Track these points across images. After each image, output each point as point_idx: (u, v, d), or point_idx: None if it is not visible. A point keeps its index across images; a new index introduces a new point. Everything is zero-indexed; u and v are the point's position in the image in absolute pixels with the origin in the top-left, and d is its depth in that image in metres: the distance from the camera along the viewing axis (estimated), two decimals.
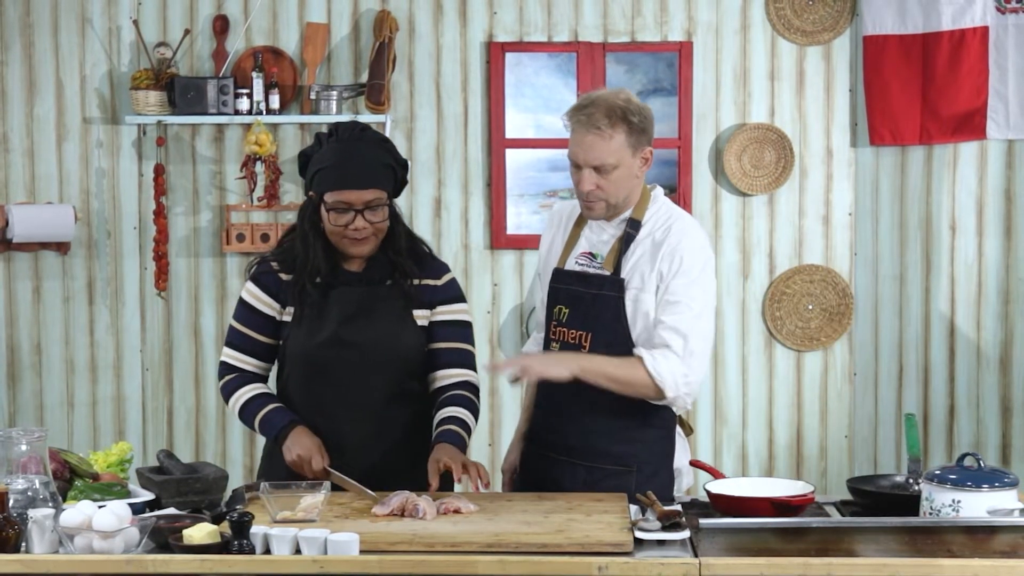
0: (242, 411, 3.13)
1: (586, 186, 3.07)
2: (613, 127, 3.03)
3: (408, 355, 3.12)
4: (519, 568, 2.54)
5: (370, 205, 3.03)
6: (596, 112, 3.04)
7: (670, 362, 2.99)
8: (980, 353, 5.21)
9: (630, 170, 3.08)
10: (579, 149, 3.07)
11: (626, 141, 3.05)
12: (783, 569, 2.52)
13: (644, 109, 3.10)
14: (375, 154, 3.07)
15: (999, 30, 5.03)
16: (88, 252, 5.26)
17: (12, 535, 2.58)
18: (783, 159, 5.18)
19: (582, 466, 3.13)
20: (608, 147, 3.04)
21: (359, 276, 3.12)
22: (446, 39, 5.22)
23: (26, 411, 5.27)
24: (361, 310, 3.09)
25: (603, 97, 3.08)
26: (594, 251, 3.16)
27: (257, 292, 3.13)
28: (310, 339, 3.07)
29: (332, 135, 3.10)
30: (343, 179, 3.02)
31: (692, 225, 3.16)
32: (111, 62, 5.23)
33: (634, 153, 3.07)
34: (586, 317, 3.12)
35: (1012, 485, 2.79)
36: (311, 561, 2.54)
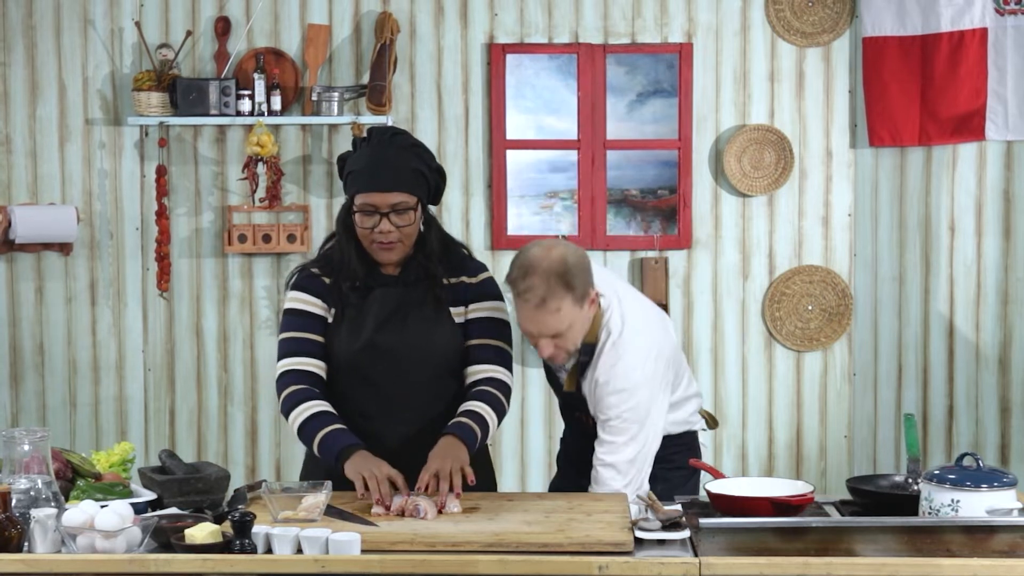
0: (301, 429, 3.04)
1: (546, 352, 3.12)
2: (560, 299, 3.03)
3: (446, 355, 3.13)
4: (520, 568, 2.55)
5: (396, 209, 3.04)
6: (538, 287, 3.01)
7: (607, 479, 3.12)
8: (979, 353, 5.22)
9: (583, 321, 3.10)
10: (530, 325, 3.08)
11: (572, 304, 3.05)
12: (783, 569, 2.53)
13: (580, 261, 3.07)
14: (403, 158, 3.07)
15: (998, 32, 5.04)
16: (90, 253, 5.27)
17: (15, 535, 2.58)
18: (783, 160, 5.19)
19: None
20: (558, 318, 3.05)
21: (395, 279, 3.13)
22: (447, 40, 5.23)
23: (29, 411, 5.28)
24: (397, 313, 3.10)
25: (538, 266, 3.03)
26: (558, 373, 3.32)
27: (304, 296, 3.13)
28: (349, 343, 3.08)
29: (368, 139, 3.11)
30: (370, 182, 3.05)
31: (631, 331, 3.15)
32: (113, 63, 5.24)
33: (581, 306, 3.08)
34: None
35: (1011, 485, 2.79)
36: (312, 561, 2.55)
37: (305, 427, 3.03)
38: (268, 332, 5.25)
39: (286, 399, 3.07)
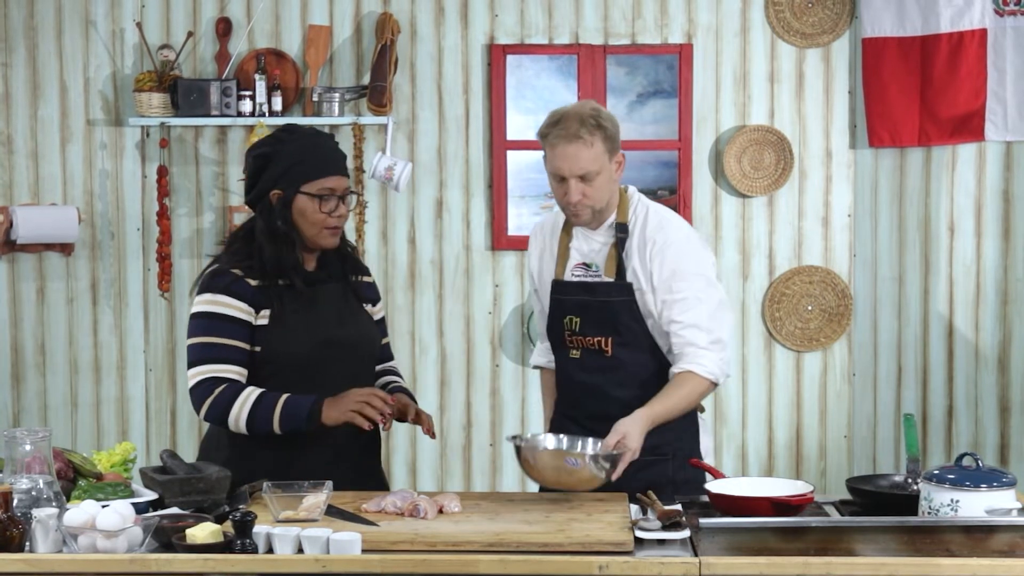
0: (251, 415, 3.01)
1: (574, 196, 3.15)
2: (592, 134, 3.13)
3: (375, 348, 3.25)
4: (520, 567, 2.55)
5: (346, 192, 3.12)
6: (572, 123, 3.13)
7: (708, 358, 3.14)
8: (978, 353, 5.23)
9: (610, 175, 3.18)
10: (563, 162, 3.14)
11: (603, 147, 3.15)
12: (783, 568, 2.53)
13: (612, 117, 3.22)
14: (338, 147, 3.18)
15: (997, 32, 5.05)
16: (92, 253, 5.28)
17: (16, 535, 2.58)
18: (782, 161, 5.19)
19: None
20: (591, 154, 3.13)
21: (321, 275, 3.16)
22: (448, 41, 5.23)
23: (30, 411, 5.29)
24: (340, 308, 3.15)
25: (574, 109, 3.17)
26: (588, 261, 3.26)
27: (225, 299, 3.05)
28: (303, 339, 3.07)
29: (291, 132, 3.13)
30: (325, 167, 3.08)
31: (668, 217, 3.27)
32: (115, 64, 5.25)
33: (611, 158, 3.18)
34: (602, 323, 3.22)
35: (1010, 485, 2.79)
36: (313, 560, 2.56)
37: (256, 411, 3.00)
38: None
39: (214, 404, 3.02)
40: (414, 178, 5.23)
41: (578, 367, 3.26)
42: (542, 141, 3.18)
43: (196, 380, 3.06)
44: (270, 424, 3.02)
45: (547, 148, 3.17)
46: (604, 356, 3.22)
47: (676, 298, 3.16)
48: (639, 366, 3.22)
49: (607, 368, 3.22)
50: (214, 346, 3.05)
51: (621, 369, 3.21)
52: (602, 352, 3.22)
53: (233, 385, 3.04)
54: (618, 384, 3.21)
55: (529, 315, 5.24)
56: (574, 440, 3.08)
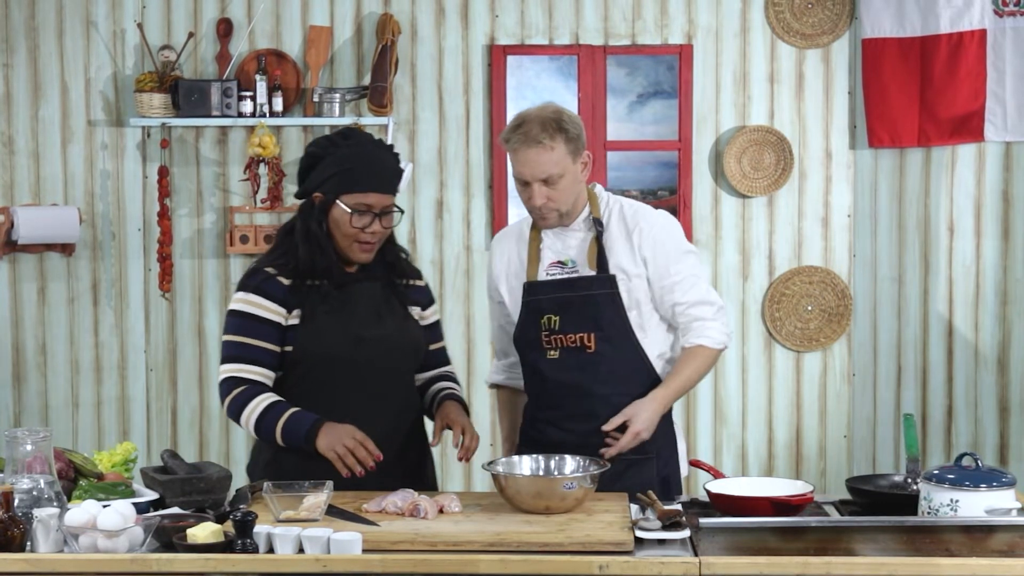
0: (259, 422, 3.03)
1: (538, 200, 3.18)
2: (552, 138, 3.14)
3: (418, 349, 3.20)
4: (520, 567, 2.55)
5: (386, 210, 3.07)
6: (533, 127, 3.14)
7: (715, 328, 3.23)
8: (978, 354, 5.23)
9: (574, 177, 3.19)
10: (525, 167, 3.16)
11: (566, 150, 3.16)
12: (782, 568, 2.53)
13: (575, 118, 3.22)
14: (391, 161, 3.13)
15: (997, 33, 5.05)
16: (93, 254, 5.28)
17: (17, 534, 2.59)
18: (782, 161, 5.20)
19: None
20: (552, 157, 3.14)
21: (359, 276, 3.14)
22: (448, 42, 5.24)
23: (31, 411, 5.29)
24: (378, 308, 3.13)
25: (534, 113, 3.18)
26: (562, 259, 3.27)
27: (258, 300, 3.08)
28: (334, 338, 3.06)
29: (348, 137, 3.10)
30: (368, 182, 3.05)
31: (642, 206, 3.32)
32: (115, 65, 5.25)
33: (574, 160, 3.18)
34: (583, 318, 3.21)
35: (1010, 485, 2.80)
36: (314, 560, 2.56)
37: (263, 420, 3.02)
38: None
39: (232, 402, 3.06)
40: (415, 178, 5.23)
41: (558, 367, 3.24)
42: (505, 146, 3.20)
43: (223, 377, 3.10)
44: (273, 435, 3.03)
45: (510, 153, 3.19)
46: (586, 353, 3.21)
47: (676, 280, 3.21)
48: (622, 361, 3.21)
49: (589, 365, 3.21)
50: (244, 346, 3.07)
51: (604, 365, 3.20)
52: (584, 349, 3.21)
53: (252, 388, 3.05)
54: (602, 381, 3.20)
55: None
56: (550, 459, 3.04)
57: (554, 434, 3.23)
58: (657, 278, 3.21)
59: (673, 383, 3.19)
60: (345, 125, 5.12)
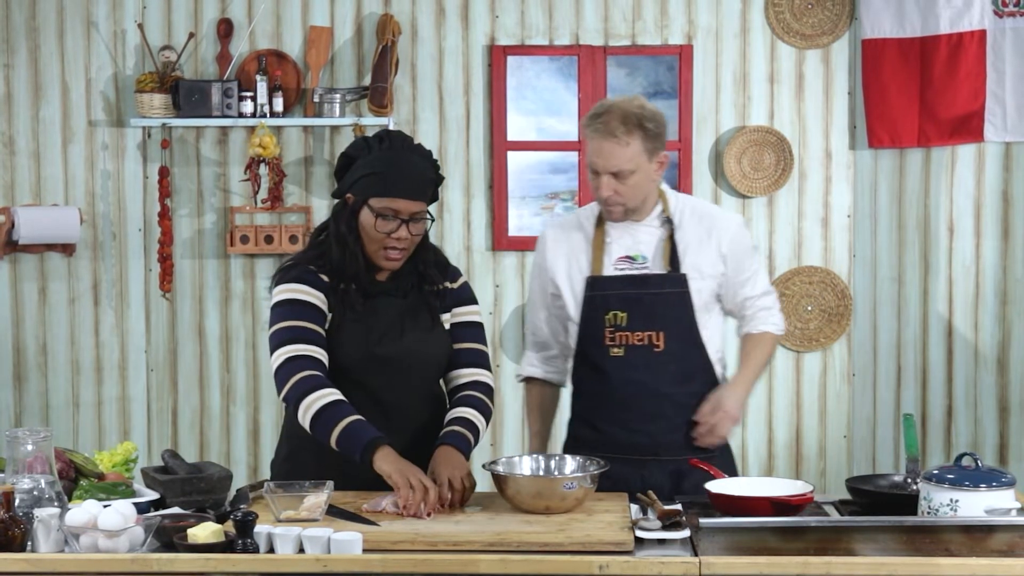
0: (315, 419, 2.92)
1: (605, 191, 3.15)
2: (629, 134, 3.11)
3: (440, 362, 3.14)
4: (520, 567, 2.55)
5: (415, 217, 3.02)
6: (612, 120, 3.11)
7: (778, 316, 3.36)
8: (978, 354, 5.23)
9: (647, 175, 3.17)
10: (597, 157, 3.14)
11: (642, 147, 3.13)
12: (782, 568, 2.53)
13: (658, 115, 3.17)
14: (426, 167, 3.07)
15: (996, 34, 5.05)
16: (93, 254, 5.29)
17: (18, 534, 2.59)
18: (782, 161, 5.20)
19: (669, 461, 3.18)
20: (625, 153, 3.12)
21: (392, 287, 3.09)
22: (448, 42, 5.24)
23: (32, 411, 5.30)
24: (397, 323, 3.07)
25: (618, 104, 3.14)
26: (632, 254, 3.23)
27: (302, 287, 3.03)
28: (350, 352, 3.02)
29: (383, 141, 3.05)
30: (395, 187, 3.00)
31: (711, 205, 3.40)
32: (116, 65, 5.26)
33: (650, 158, 3.15)
34: (652, 316, 3.18)
35: (1009, 485, 2.79)
36: (314, 560, 2.56)
37: (320, 417, 2.91)
38: None
39: (294, 387, 2.94)
40: None
41: (623, 365, 3.19)
42: (584, 131, 3.18)
43: (280, 361, 2.98)
44: (328, 439, 2.92)
45: (587, 139, 3.17)
46: (654, 352, 3.18)
47: (748, 276, 3.28)
48: (687, 361, 3.20)
49: (657, 364, 3.18)
50: (295, 328, 3.00)
51: (672, 364, 3.18)
52: (652, 347, 3.18)
53: (316, 377, 2.94)
54: (669, 381, 3.18)
55: None
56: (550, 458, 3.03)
57: (620, 435, 3.20)
58: (733, 274, 3.25)
59: (750, 367, 3.27)
60: (346, 125, 5.14)
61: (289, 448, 3.13)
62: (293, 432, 3.12)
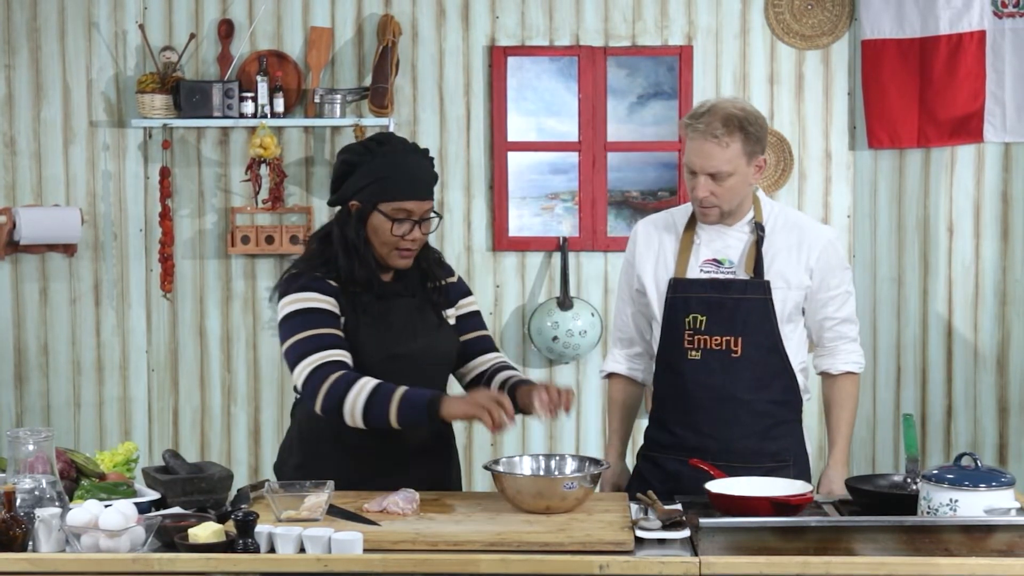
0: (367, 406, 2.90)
1: (701, 192, 3.13)
2: (730, 135, 3.09)
3: (451, 357, 3.17)
4: (521, 567, 2.56)
5: (425, 216, 3.04)
6: (713, 120, 3.08)
7: (859, 352, 3.29)
8: (977, 354, 5.24)
9: (744, 178, 3.14)
10: (696, 157, 3.11)
11: (742, 150, 3.11)
12: (782, 568, 2.54)
13: (760, 118, 3.15)
14: (429, 167, 3.09)
15: (996, 34, 5.06)
16: (94, 254, 5.29)
17: (19, 534, 2.59)
18: (782, 162, 5.21)
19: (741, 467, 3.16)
20: (724, 155, 3.09)
21: (398, 287, 3.10)
22: (449, 43, 5.25)
23: (33, 411, 5.30)
24: (409, 324, 3.09)
25: (720, 106, 3.12)
26: (719, 257, 3.21)
27: (316, 296, 3.02)
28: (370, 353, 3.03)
29: (383, 144, 3.05)
30: (406, 189, 3.01)
31: (805, 217, 3.34)
32: (117, 66, 5.26)
33: (749, 161, 3.13)
34: (732, 322, 3.17)
35: (1009, 484, 2.80)
36: (315, 560, 2.57)
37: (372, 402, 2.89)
38: (271, 333, 5.27)
39: (329, 393, 2.92)
40: None
41: (699, 369, 3.17)
42: (684, 130, 3.16)
43: (306, 374, 2.96)
44: (386, 417, 2.90)
45: (686, 138, 3.14)
46: (731, 357, 3.16)
47: (833, 294, 3.21)
48: (765, 368, 3.18)
49: (733, 369, 3.16)
50: (313, 337, 2.98)
51: (748, 371, 3.16)
52: (729, 352, 3.16)
53: (346, 375, 2.93)
54: (745, 387, 3.17)
55: (530, 317, 5.25)
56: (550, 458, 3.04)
57: (691, 439, 3.19)
58: (817, 289, 3.20)
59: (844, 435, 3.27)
60: (347, 126, 5.14)
61: (303, 456, 3.13)
62: (307, 438, 3.13)
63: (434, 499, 2.98)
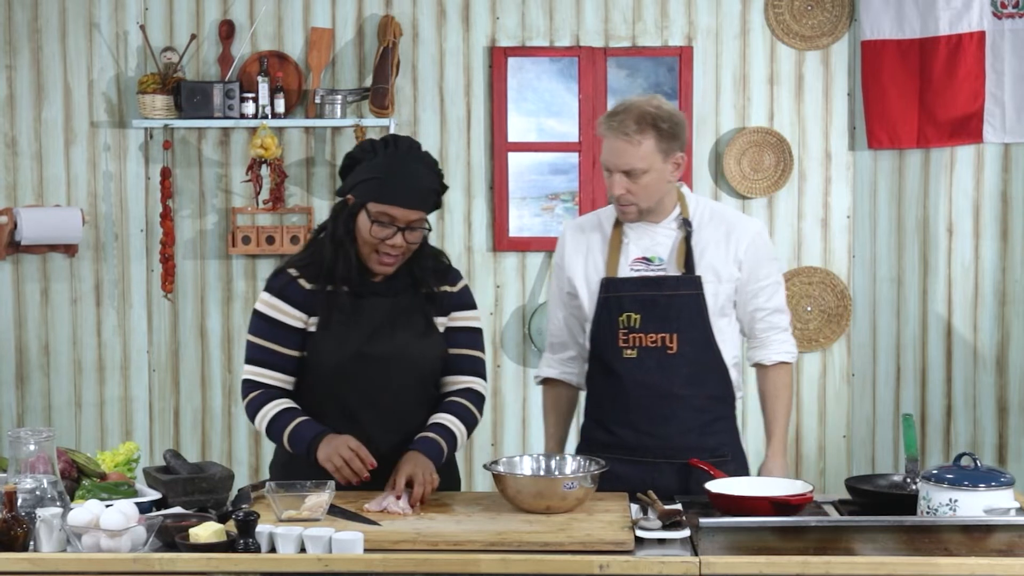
0: (269, 427, 3.05)
1: (617, 190, 3.15)
2: (642, 133, 3.10)
3: (432, 363, 3.12)
4: (521, 567, 2.57)
5: (412, 225, 3.01)
6: (626, 119, 3.11)
7: (790, 342, 3.32)
8: (977, 354, 5.24)
9: (661, 175, 3.15)
10: (610, 155, 3.15)
11: (655, 147, 3.12)
12: (782, 567, 2.54)
13: (675, 115, 3.16)
14: (428, 176, 3.05)
15: (996, 35, 5.06)
16: (95, 254, 5.30)
17: (20, 534, 2.60)
18: (782, 162, 5.21)
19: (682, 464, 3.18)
20: (637, 152, 3.11)
21: (384, 287, 3.09)
22: (449, 44, 5.25)
23: (34, 411, 5.31)
24: (388, 322, 3.06)
25: (634, 104, 3.14)
26: (649, 255, 3.22)
27: (280, 304, 3.05)
28: (339, 350, 3.03)
29: (389, 146, 3.04)
30: (394, 194, 2.99)
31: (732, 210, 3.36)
32: (118, 67, 5.27)
33: (665, 159, 3.14)
34: (666, 319, 3.18)
35: (1008, 484, 2.80)
36: (316, 559, 2.57)
37: (273, 425, 3.04)
38: None
39: (249, 404, 3.09)
40: None
41: (636, 367, 3.18)
42: (599, 128, 3.18)
43: (244, 378, 3.11)
44: (281, 443, 3.06)
45: (602, 137, 3.17)
46: (667, 353, 3.17)
47: (763, 285, 3.24)
48: (702, 364, 3.20)
49: (670, 366, 3.17)
50: (264, 350, 3.07)
51: (685, 367, 3.18)
52: (665, 349, 3.17)
53: (267, 392, 3.06)
54: (682, 383, 3.18)
55: (531, 317, 5.25)
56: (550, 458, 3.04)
57: (630, 437, 3.20)
58: (746, 281, 3.22)
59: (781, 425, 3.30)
60: (347, 126, 5.15)
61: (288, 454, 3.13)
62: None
63: (434, 499, 2.99)
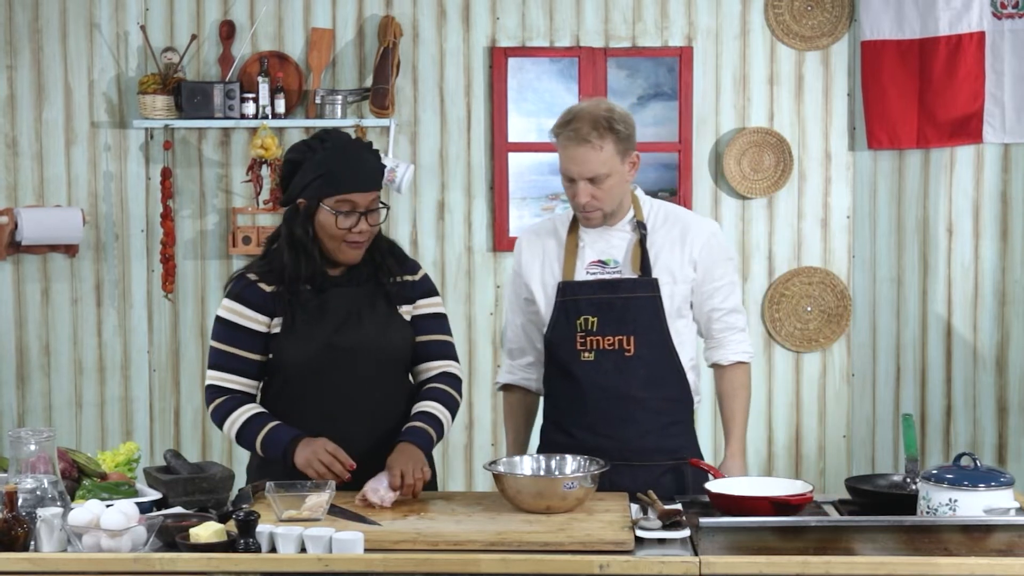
0: (240, 433, 3.05)
1: (583, 198, 3.14)
2: (602, 138, 3.11)
3: (402, 352, 3.14)
4: (521, 566, 2.57)
5: (371, 208, 3.05)
6: (583, 125, 3.11)
7: (747, 341, 3.32)
8: (976, 354, 5.24)
9: (622, 177, 3.17)
10: (572, 164, 3.13)
11: (615, 149, 3.13)
12: (782, 567, 2.54)
13: (627, 117, 3.17)
14: (372, 158, 3.09)
15: (995, 35, 5.06)
16: (96, 255, 5.30)
17: (21, 534, 2.60)
18: (782, 163, 5.22)
19: (640, 466, 3.18)
20: (600, 157, 3.11)
21: (340, 279, 3.10)
22: (450, 44, 5.26)
23: (35, 411, 5.31)
24: (352, 313, 3.08)
25: (586, 110, 3.14)
26: (604, 258, 3.23)
27: (240, 308, 3.07)
28: (307, 346, 3.04)
29: (324, 140, 3.07)
30: (350, 182, 3.02)
31: (687, 211, 3.35)
32: (119, 67, 5.27)
33: (623, 160, 3.15)
34: (623, 321, 3.18)
35: (1008, 484, 2.80)
36: (316, 559, 2.57)
37: (244, 430, 3.04)
38: None
39: (215, 410, 3.08)
40: (416, 180, 5.25)
41: (594, 370, 3.19)
42: (554, 140, 3.17)
43: (208, 383, 3.11)
44: (254, 448, 3.06)
45: (558, 147, 3.16)
46: (625, 356, 3.17)
47: (718, 285, 3.24)
48: (659, 366, 3.20)
49: (628, 368, 3.18)
50: (227, 355, 3.08)
51: (642, 369, 3.18)
52: (623, 352, 3.17)
53: (234, 398, 3.07)
54: (640, 385, 3.18)
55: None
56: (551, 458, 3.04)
57: (589, 440, 3.18)
58: (701, 282, 3.22)
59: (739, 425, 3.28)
60: (348, 127, 5.15)
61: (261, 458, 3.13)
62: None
63: (434, 499, 2.99)
